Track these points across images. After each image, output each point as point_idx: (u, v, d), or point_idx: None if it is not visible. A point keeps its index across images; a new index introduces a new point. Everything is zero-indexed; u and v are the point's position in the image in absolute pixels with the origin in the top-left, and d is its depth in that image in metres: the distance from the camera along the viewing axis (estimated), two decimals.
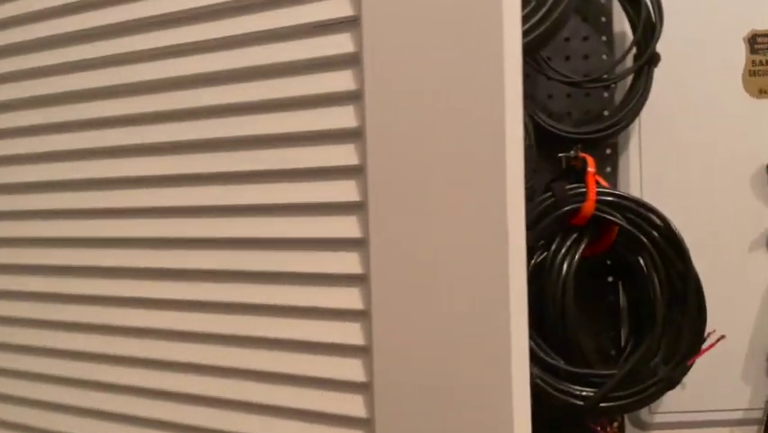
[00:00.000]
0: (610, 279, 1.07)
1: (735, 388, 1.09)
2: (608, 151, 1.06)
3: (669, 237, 0.90)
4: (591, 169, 0.92)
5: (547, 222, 0.92)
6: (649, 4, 0.97)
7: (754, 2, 1.05)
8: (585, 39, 1.05)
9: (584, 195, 0.92)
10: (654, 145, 1.08)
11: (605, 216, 0.91)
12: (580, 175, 0.96)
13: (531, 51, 0.91)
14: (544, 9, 0.85)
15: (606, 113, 1.06)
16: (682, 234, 0.93)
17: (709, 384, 1.01)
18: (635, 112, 1.00)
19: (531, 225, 0.93)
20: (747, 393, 1.09)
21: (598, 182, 0.93)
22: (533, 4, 0.92)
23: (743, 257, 1.08)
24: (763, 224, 1.07)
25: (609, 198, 0.92)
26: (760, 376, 1.09)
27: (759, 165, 1.06)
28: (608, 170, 1.06)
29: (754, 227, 1.08)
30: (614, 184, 1.06)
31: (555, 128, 1.02)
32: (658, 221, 0.91)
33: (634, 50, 1.01)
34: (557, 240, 0.95)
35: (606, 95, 1.06)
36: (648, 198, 1.06)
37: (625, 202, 0.91)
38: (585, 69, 1.05)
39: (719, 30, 1.06)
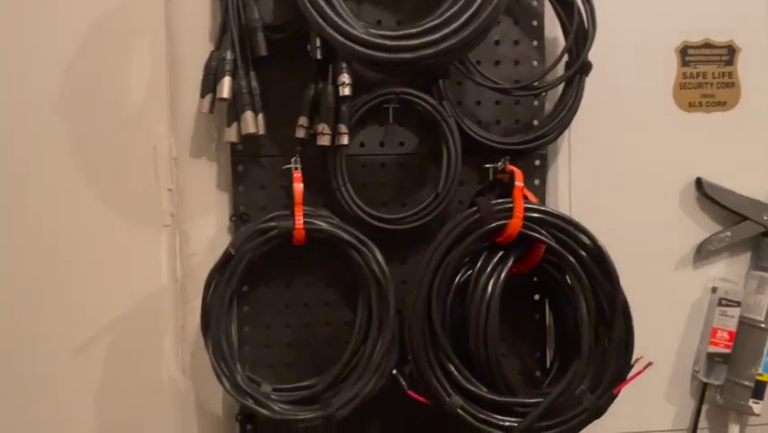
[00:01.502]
0: (537, 297, 1.02)
1: (659, 409, 1.07)
2: (537, 162, 1.01)
3: (597, 258, 0.86)
4: (519, 183, 0.86)
5: (472, 239, 0.85)
6: (582, 10, 0.92)
7: (686, 12, 1.02)
8: (516, 43, 0.99)
9: (511, 211, 0.86)
10: (584, 157, 1.03)
11: (532, 234, 0.85)
12: (507, 188, 0.90)
13: (453, 57, 0.84)
14: (472, 10, 0.78)
15: (535, 122, 1.00)
16: (609, 248, 0.88)
17: (634, 405, 0.97)
18: (566, 122, 0.95)
19: (455, 242, 0.86)
20: (672, 414, 1.07)
21: (525, 197, 0.87)
22: (460, 3, 0.86)
23: (669, 274, 1.06)
24: (690, 240, 1.05)
25: (537, 215, 0.86)
26: (685, 397, 1.07)
27: (688, 180, 1.04)
28: (537, 182, 1.01)
29: (681, 244, 1.05)
30: (542, 197, 1.01)
31: (483, 137, 0.96)
32: (587, 240, 0.86)
33: (565, 58, 0.95)
34: (482, 258, 0.89)
35: (536, 103, 1.00)
36: (576, 212, 1.02)
37: (553, 219, 0.86)
38: (516, 75, 0.99)
39: (652, 40, 1.02)
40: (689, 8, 1.02)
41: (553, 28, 1.00)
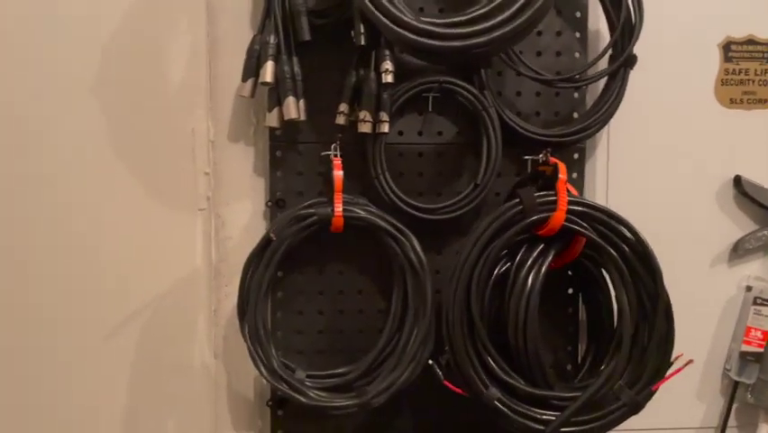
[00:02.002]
0: (570, 291, 1.01)
1: (689, 406, 1.07)
2: (576, 155, 1.00)
3: (640, 254, 0.85)
4: (563, 176, 0.85)
5: (513, 231, 0.85)
6: (630, 2, 0.90)
7: (730, 8, 1.00)
8: (558, 34, 0.98)
9: (554, 204, 0.85)
10: (622, 151, 1.02)
11: (574, 227, 0.85)
12: (548, 181, 0.89)
13: (503, 46, 0.83)
14: (516, 6, 0.77)
15: (575, 114, 0.99)
16: None
17: (663, 402, 0.97)
18: (608, 116, 0.94)
19: (496, 234, 0.85)
20: (701, 412, 1.07)
21: (568, 191, 0.87)
22: None
23: (704, 271, 1.05)
24: (727, 238, 1.04)
25: (580, 209, 0.85)
26: (715, 395, 1.07)
27: (727, 178, 1.03)
28: (575, 175, 1.00)
29: (718, 241, 1.04)
30: (580, 190, 1.00)
31: (523, 128, 0.95)
32: (630, 235, 0.85)
33: (609, 51, 0.94)
34: (522, 251, 0.88)
35: (576, 95, 0.99)
36: (613, 206, 1.00)
37: (596, 213, 0.85)
38: (557, 66, 0.98)
39: (695, 34, 1.01)
40: (733, 4, 1.01)
41: (596, 20, 0.99)
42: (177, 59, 0.95)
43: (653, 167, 1.02)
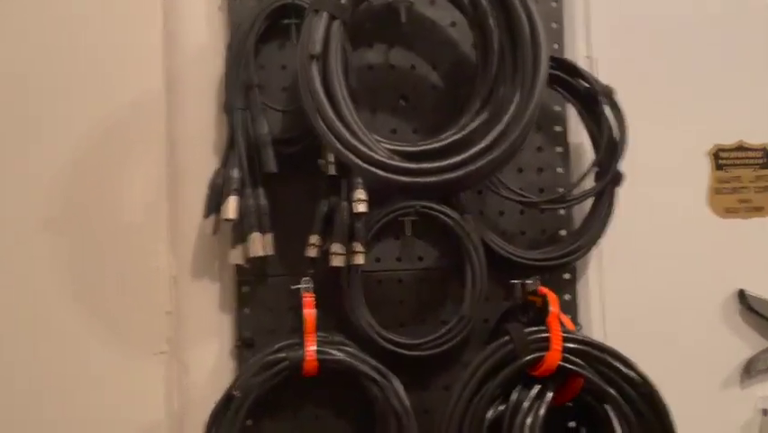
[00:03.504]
0: (572, 424, 0.92)
1: None
2: (567, 275, 0.93)
3: (647, 396, 0.77)
4: (554, 309, 0.78)
5: (505, 374, 0.76)
6: (611, 119, 0.86)
7: (718, 114, 0.97)
8: (539, 150, 0.93)
9: (548, 342, 0.77)
10: (616, 268, 0.96)
11: (572, 367, 0.77)
12: (539, 313, 0.82)
13: (480, 180, 0.77)
14: (498, 129, 0.72)
15: (562, 232, 0.93)
16: (649, 368, 0.79)
17: None
18: (597, 236, 0.89)
19: (487, 376, 0.77)
20: None
21: (562, 323, 0.79)
22: (483, 115, 0.80)
23: (715, 394, 0.96)
24: (736, 357, 0.96)
25: (577, 346, 0.77)
26: None
27: (730, 292, 0.96)
28: (567, 297, 0.93)
29: (727, 361, 0.96)
30: (574, 314, 0.93)
31: (509, 252, 0.89)
32: (634, 376, 0.77)
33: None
34: (516, 392, 0.80)
35: (563, 212, 0.94)
36: (611, 330, 0.95)
37: (595, 352, 0.77)
38: (540, 183, 0.93)
39: (682, 144, 0.96)
40: (720, 111, 0.97)
41: (576, 134, 0.95)
42: (136, 191, 0.89)
43: (650, 285, 0.95)
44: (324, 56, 0.71)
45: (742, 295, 0.95)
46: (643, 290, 0.96)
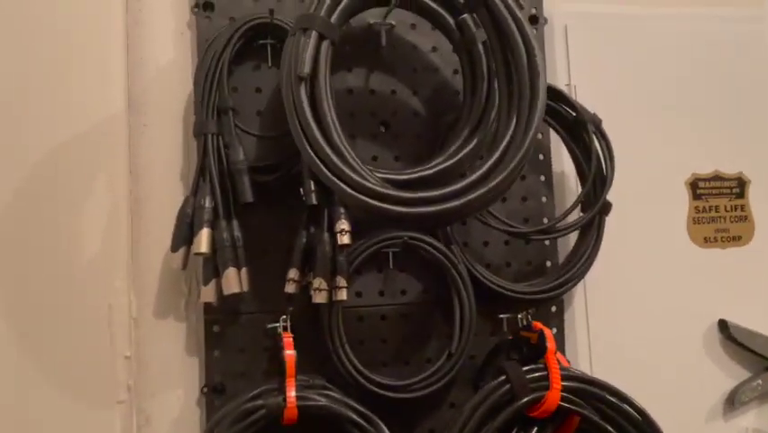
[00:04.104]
0: None
1: None
2: (554, 308, 0.90)
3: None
4: (552, 345, 0.75)
5: (503, 417, 0.72)
6: (600, 151, 0.85)
7: (694, 143, 0.97)
8: (522, 178, 0.91)
9: (546, 380, 0.73)
10: (600, 300, 0.93)
11: (572, 407, 0.73)
12: (533, 349, 0.78)
13: (481, 208, 0.74)
14: (496, 156, 0.69)
15: (548, 263, 0.91)
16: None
17: None
18: (587, 267, 0.86)
19: (483, 421, 0.72)
20: None
21: (558, 362, 0.76)
22: (473, 143, 0.77)
23: (700, 427, 0.95)
24: (719, 388, 0.95)
25: (575, 385, 0.74)
26: None
27: (711, 321, 0.95)
28: (554, 330, 0.89)
29: (710, 392, 0.95)
30: (562, 346, 0.90)
31: (495, 284, 0.85)
32: (635, 414, 0.74)
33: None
34: None
35: (547, 243, 0.91)
36: (597, 362, 0.92)
37: (593, 389, 0.74)
38: (524, 212, 0.90)
39: (661, 174, 0.96)
40: (697, 141, 0.97)
41: (559, 162, 0.93)
42: (92, 223, 0.81)
43: (634, 315, 0.93)
44: (313, 78, 0.66)
45: (723, 325, 0.94)
46: (626, 320, 0.94)
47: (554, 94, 0.85)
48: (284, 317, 0.79)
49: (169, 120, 0.83)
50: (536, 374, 0.74)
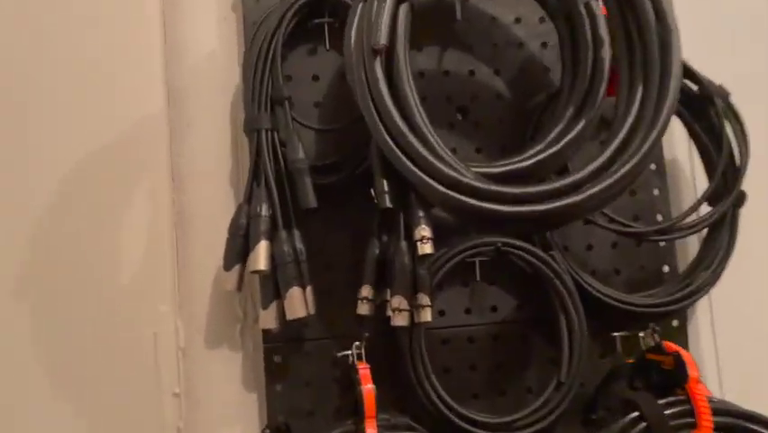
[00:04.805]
0: None
1: None
2: (675, 322, 0.75)
3: None
4: (695, 374, 0.60)
5: None
6: (731, 136, 0.69)
7: None
8: None
9: (691, 416, 0.58)
10: (729, 313, 0.78)
11: None
12: (664, 376, 0.63)
13: (600, 205, 0.59)
14: (613, 146, 0.54)
15: (666, 268, 0.76)
16: None
17: None
18: (719, 272, 0.71)
19: None
20: None
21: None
22: (580, 125, 0.63)
23: None
24: None
25: (730, 421, 0.59)
26: None
27: None
28: None
29: None
30: None
31: (606, 295, 0.71)
32: None
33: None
34: None
35: (662, 244, 0.76)
36: (727, 385, 0.77)
37: (755, 427, 0.58)
38: (634, 208, 0.76)
39: None
40: None
41: (671, 147, 0.78)
42: (131, 239, 0.70)
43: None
44: (391, 50, 0.53)
45: None
46: (761, 337, 0.78)
47: None
48: (357, 343, 0.66)
49: (215, 117, 0.72)
50: (677, 409, 0.59)
